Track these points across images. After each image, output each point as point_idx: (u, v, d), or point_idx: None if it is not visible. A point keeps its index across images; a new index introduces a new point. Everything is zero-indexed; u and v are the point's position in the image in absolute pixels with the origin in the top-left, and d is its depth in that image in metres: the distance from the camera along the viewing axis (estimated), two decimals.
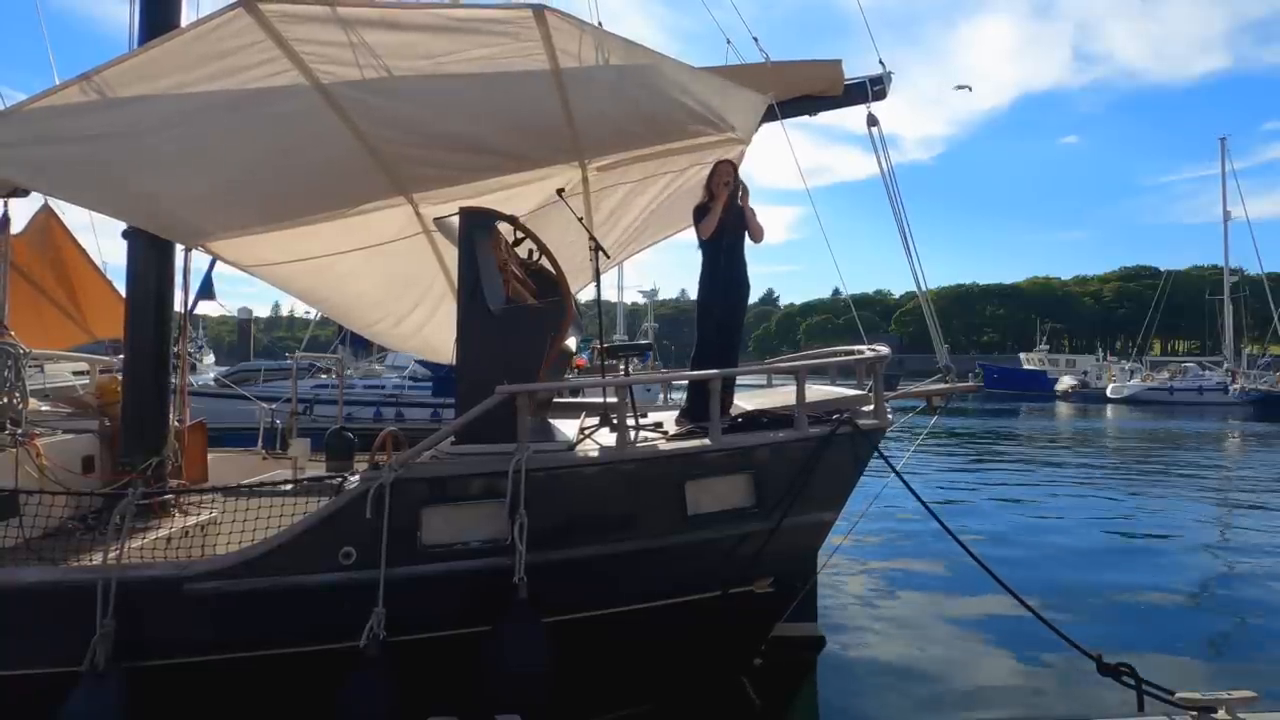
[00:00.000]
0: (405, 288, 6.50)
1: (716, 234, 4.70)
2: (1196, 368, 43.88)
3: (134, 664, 3.24)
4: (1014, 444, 20.89)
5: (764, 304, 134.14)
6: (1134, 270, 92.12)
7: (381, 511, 3.45)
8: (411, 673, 3.48)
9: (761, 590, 4.22)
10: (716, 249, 4.75)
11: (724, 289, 4.79)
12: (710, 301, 4.82)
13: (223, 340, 64.84)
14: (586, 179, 5.64)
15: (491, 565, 3.56)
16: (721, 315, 4.80)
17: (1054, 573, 7.59)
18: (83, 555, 3.72)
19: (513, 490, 3.53)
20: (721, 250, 4.74)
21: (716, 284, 4.79)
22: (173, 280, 5.04)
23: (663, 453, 4.00)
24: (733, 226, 4.74)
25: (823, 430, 4.20)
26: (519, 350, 3.97)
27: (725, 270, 4.76)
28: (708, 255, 4.81)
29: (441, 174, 4.99)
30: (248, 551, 3.47)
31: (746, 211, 4.76)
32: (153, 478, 4.75)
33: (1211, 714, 3.51)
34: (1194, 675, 5.19)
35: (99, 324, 7.30)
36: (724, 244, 4.73)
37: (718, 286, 4.79)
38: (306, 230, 5.24)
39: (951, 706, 4.84)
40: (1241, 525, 10.49)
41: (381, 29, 3.51)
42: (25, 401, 4.68)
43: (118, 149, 3.85)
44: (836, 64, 5.02)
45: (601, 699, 4.07)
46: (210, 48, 3.38)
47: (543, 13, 3.47)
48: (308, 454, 6.11)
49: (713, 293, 4.81)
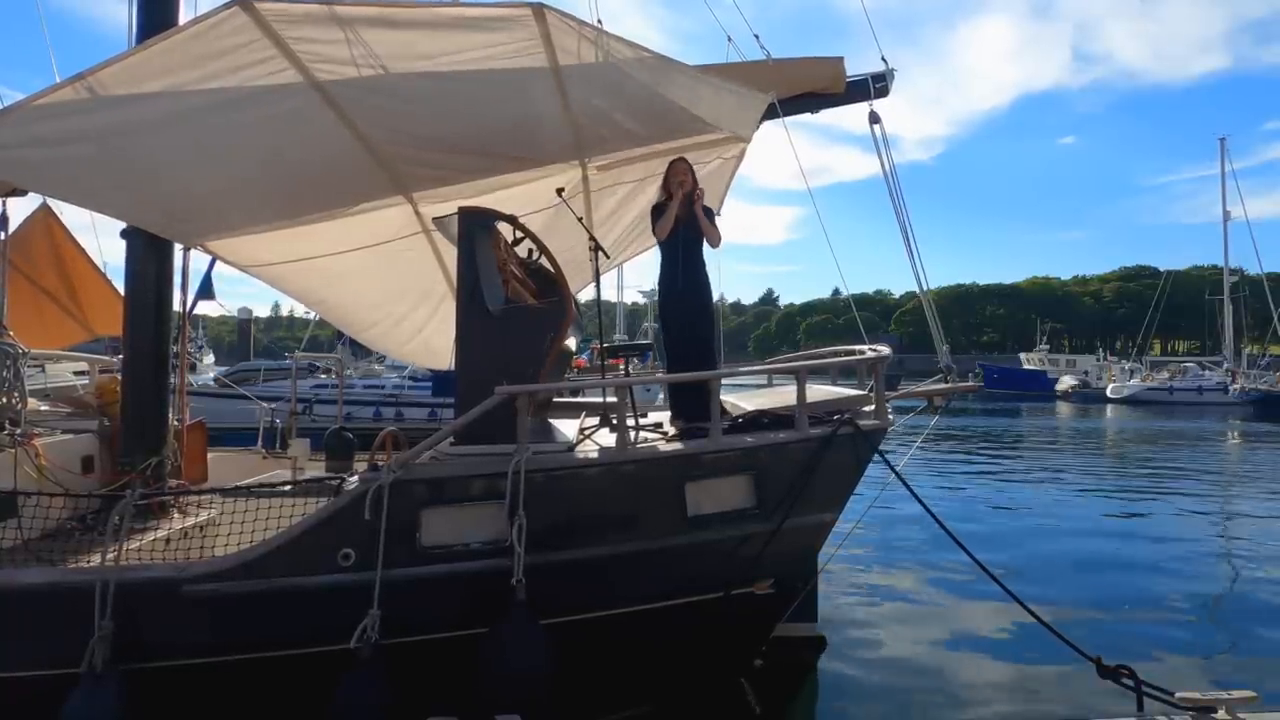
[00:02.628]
0: (405, 288, 6.49)
1: (673, 234, 4.68)
2: (1196, 368, 43.83)
3: (133, 666, 3.23)
4: (1014, 444, 20.87)
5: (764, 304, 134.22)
6: (1134, 270, 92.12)
7: (380, 513, 3.45)
8: (411, 674, 3.47)
9: (762, 591, 4.21)
10: (673, 250, 4.72)
11: (680, 292, 4.74)
12: (667, 304, 4.80)
13: (223, 340, 64.86)
14: (586, 178, 5.63)
15: (491, 567, 3.55)
16: (687, 318, 4.75)
17: (1054, 573, 7.58)
18: (81, 556, 3.71)
19: (512, 491, 3.52)
20: (679, 251, 4.70)
21: (673, 285, 4.75)
22: (172, 280, 5.04)
23: (662, 454, 3.98)
24: (691, 227, 4.71)
25: (823, 431, 4.18)
26: (518, 351, 3.95)
27: (683, 272, 4.71)
28: (664, 256, 4.79)
29: (441, 173, 4.98)
30: (246, 553, 3.46)
31: (699, 216, 4.70)
32: (152, 478, 4.74)
33: (1211, 714, 3.51)
34: (1194, 675, 5.17)
35: (99, 321, 7.29)
36: (680, 245, 4.69)
37: (674, 288, 4.75)
38: (305, 230, 5.23)
39: (951, 708, 4.83)
40: (1241, 525, 10.48)
41: (379, 27, 3.49)
42: (24, 401, 4.67)
43: (114, 149, 3.84)
44: (838, 61, 4.96)
45: (601, 700, 4.06)
46: (206, 47, 3.37)
47: (542, 11, 3.46)
48: (307, 454, 6.11)
49: (669, 295, 4.78)
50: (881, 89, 5.01)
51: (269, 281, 5.96)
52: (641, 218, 6.26)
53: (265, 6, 3.20)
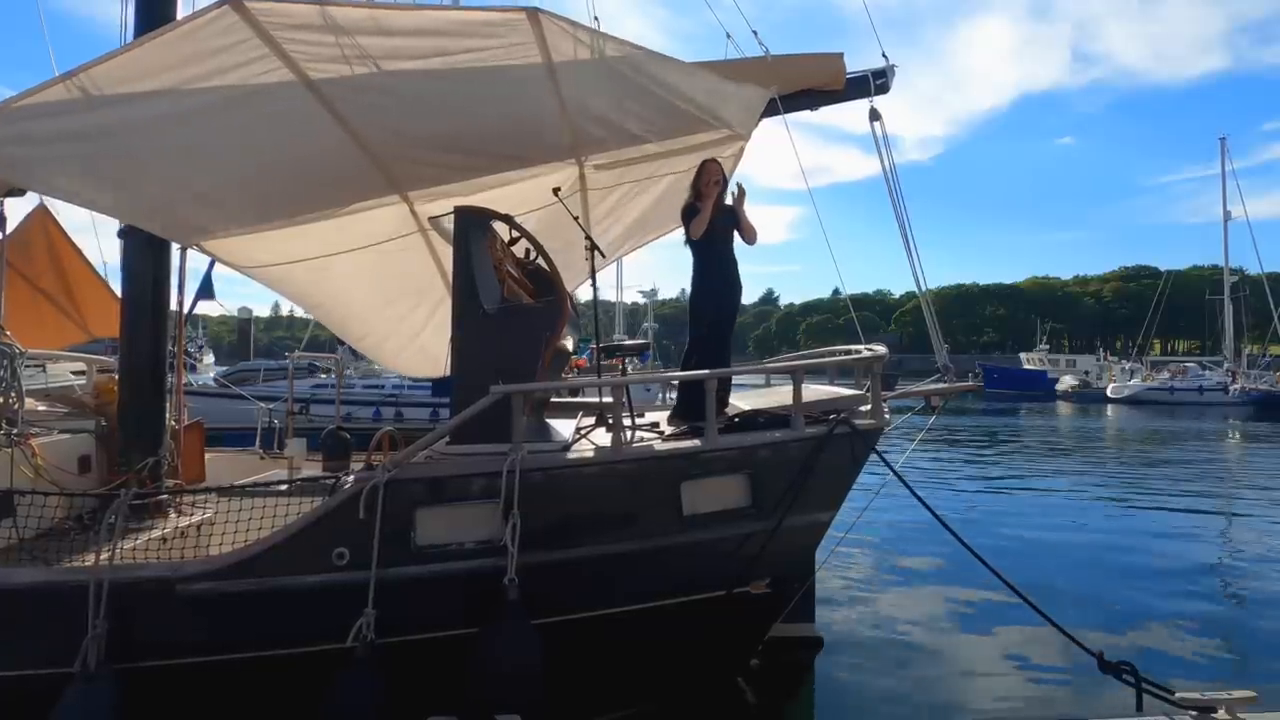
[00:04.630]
0: (402, 290, 6.46)
1: (707, 235, 4.69)
2: (1197, 367, 43.80)
3: (126, 665, 3.22)
4: (1014, 444, 20.86)
5: (764, 304, 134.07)
6: (1134, 270, 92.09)
7: (375, 512, 3.44)
8: (406, 674, 3.46)
9: (758, 591, 4.20)
10: (708, 250, 4.74)
11: (717, 291, 4.77)
12: (702, 303, 4.80)
13: (223, 340, 64.88)
14: (584, 177, 5.62)
15: (485, 566, 3.55)
16: (714, 316, 4.78)
17: (1054, 573, 7.57)
18: (76, 556, 3.71)
19: (506, 491, 3.52)
20: (714, 251, 4.72)
21: (709, 285, 4.78)
22: (169, 279, 5.03)
23: (658, 453, 3.98)
24: (723, 227, 4.73)
25: (819, 431, 4.18)
26: (513, 350, 3.95)
27: (719, 271, 4.74)
28: (699, 256, 4.80)
29: (436, 173, 4.97)
30: (240, 552, 3.46)
31: (740, 213, 4.74)
32: (149, 478, 4.75)
33: (1211, 714, 3.50)
34: (1194, 675, 5.16)
35: (95, 322, 7.29)
36: (715, 244, 4.71)
37: (710, 288, 4.78)
38: (301, 230, 5.21)
39: (948, 706, 4.83)
40: (1242, 525, 10.48)
41: (372, 34, 3.49)
42: (21, 401, 4.67)
43: (106, 147, 3.83)
44: (838, 57, 4.94)
45: (597, 700, 4.05)
46: (198, 46, 3.36)
47: (536, 14, 3.46)
48: (304, 454, 6.10)
49: (705, 294, 4.79)
50: (881, 85, 4.99)
51: (266, 283, 5.94)
52: (639, 217, 6.25)
53: (256, 6, 3.19)
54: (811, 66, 4.96)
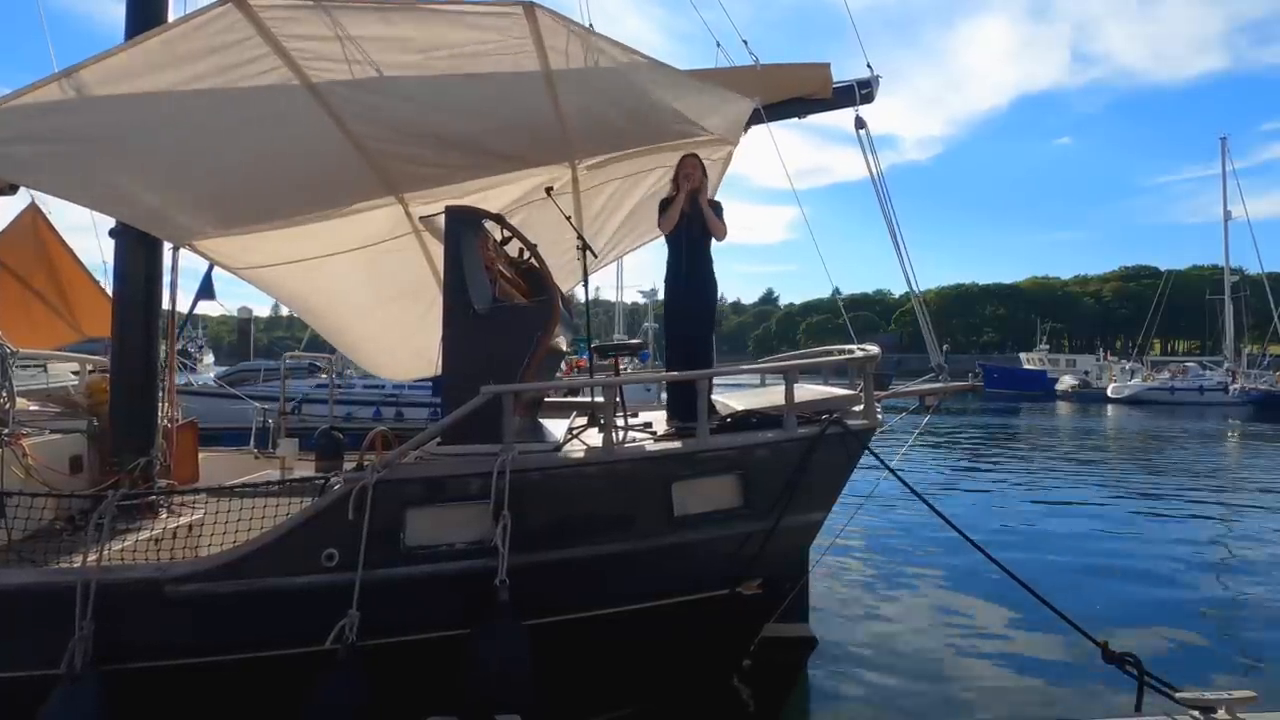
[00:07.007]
0: (397, 291, 6.45)
1: (678, 229, 4.68)
2: (1197, 367, 43.80)
3: (113, 667, 3.21)
4: (1014, 443, 20.85)
5: (764, 304, 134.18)
6: (1134, 270, 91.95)
7: (364, 513, 3.42)
8: (396, 675, 3.45)
9: (750, 591, 4.18)
10: (678, 244, 4.73)
11: (686, 286, 4.75)
12: (673, 299, 4.80)
13: (223, 340, 64.82)
14: (576, 178, 5.61)
15: (475, 567, 3.53)
16: (690, 313, 4.76)
17: (1054, 572, 7.56)
18: (66, 557, 3.69)
19: (497, 491, 3.50)
20: (683, 246, 4.71)
21: (678, 281, 4.76)
22: (161, 279, 5.01)
23: (649, 453, 3.96)
24: (697, 222, 4.71)
25: (811, 431, 4.16)
26: (504, 350, 3.94)
27: (688, 267, 4.72)
28: (670, 251, 4.80)
29: (430, 173, 4.96)
30: (229, 553, 3.44)
31: (704, 208, 4.70)
32: (141, 478, 4.73)
33: (1212, 714, 3.47)
34: (1195, 675, 5.15)
35: (87, 321, 7.27)
36: (685, 240, 4.69)
37: (679, 284, 4.76)
38: (296, 231, 5.20)
39: (943, 706, 4.82)
40: (1243, 525, 10.46)
41: (370, 21, 3.47)
42: (12, 401, 4.65)
43: (101, 146, 3.81)
44: (824, 67, 5.08)
45: (589, 700, 4.03)
46: (197, 44, 3.34)
47: (533, 9, 3.44)
48: (296, 454, 6.09)
49: (675, 290, 4.78)
50: (867, 95, 5.14)
51: (259, 284, 5.92)
52: (630, 216, 6.24)
53: (258, 2, 3.18)
54: (800, 76, 5.11)
